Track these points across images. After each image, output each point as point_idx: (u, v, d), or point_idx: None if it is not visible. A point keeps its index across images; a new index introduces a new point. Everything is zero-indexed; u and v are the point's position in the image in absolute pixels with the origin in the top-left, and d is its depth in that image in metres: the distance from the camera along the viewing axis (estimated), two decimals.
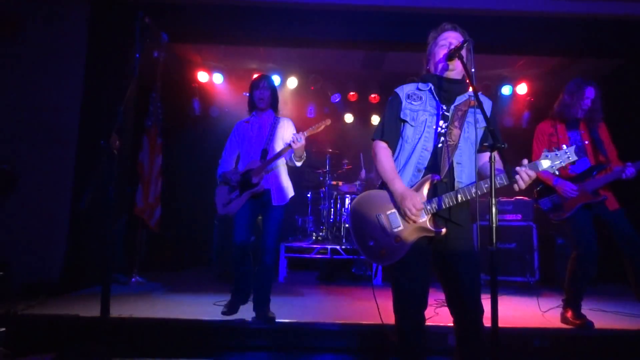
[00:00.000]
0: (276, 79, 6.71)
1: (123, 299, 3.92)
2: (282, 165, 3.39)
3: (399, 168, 2.13)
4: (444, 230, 1.99)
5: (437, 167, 2.04)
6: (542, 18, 4.94)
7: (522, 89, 6.85)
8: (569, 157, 1.95)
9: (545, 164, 1.95)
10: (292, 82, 6.88)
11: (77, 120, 4.55)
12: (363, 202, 2.15)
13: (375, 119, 7.38)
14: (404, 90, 2.20)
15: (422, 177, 2.05)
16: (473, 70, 1.97)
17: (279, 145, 3.35)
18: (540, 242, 5.27)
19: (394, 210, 2.07)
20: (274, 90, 3.45)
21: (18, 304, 3.40)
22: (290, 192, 3.41)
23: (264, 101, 3.38)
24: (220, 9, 4.93)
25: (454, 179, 2.04)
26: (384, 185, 2.13)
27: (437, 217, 2.04)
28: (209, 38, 5.28)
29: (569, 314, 3.26)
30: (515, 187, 1.90)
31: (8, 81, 4.51)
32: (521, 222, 5.38)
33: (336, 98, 7.06)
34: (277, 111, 3.51)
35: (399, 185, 2.04)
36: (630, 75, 5.95)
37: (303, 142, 3.10)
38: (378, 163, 2.14)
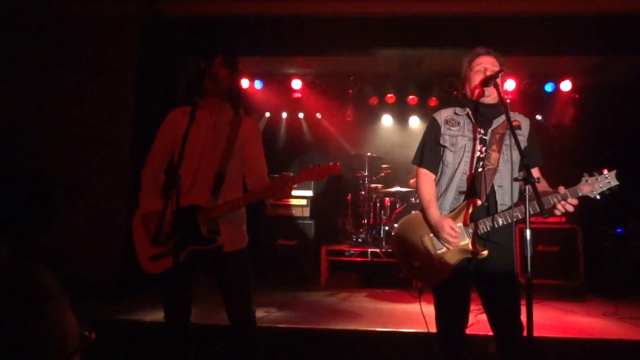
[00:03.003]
0: (315, 83, 6.84)
1: None
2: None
3: (440, 192, 2.22)
4: (485, 252, 2.06)
5: (477, 190, 2.11)
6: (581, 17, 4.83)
7: (566, 85, 6.63)
8: (609, 182, 1.95)
9: (585, 189, 1.95)
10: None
11: (130, 132, 4.86)
12: (406, 225, 2.28)
13: (413, 121, 7.39)
14: (442, 115, 2.28)
15: (463, 200, 2.14)
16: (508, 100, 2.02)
17: (238, 168, 2.26)
18: (585, 246, 5.17)
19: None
20: (237, 75, 2.29)
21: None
22: (245, 229, 2.30)
23: (222, 85, 2.18)
24: (260, 21, 5.10)
25: (495, 202, 2.11)
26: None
27: (478, 238, 2.11)
28: (248, 51, 5.47)
29: None
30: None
31: (64, 100, 4.89)
32: (565, 225, 5.28)
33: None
34: (239, 108, 2.33)
35: (433, 212, 2.14)
36: None
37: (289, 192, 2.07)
38: (418, 189, 2.26)
